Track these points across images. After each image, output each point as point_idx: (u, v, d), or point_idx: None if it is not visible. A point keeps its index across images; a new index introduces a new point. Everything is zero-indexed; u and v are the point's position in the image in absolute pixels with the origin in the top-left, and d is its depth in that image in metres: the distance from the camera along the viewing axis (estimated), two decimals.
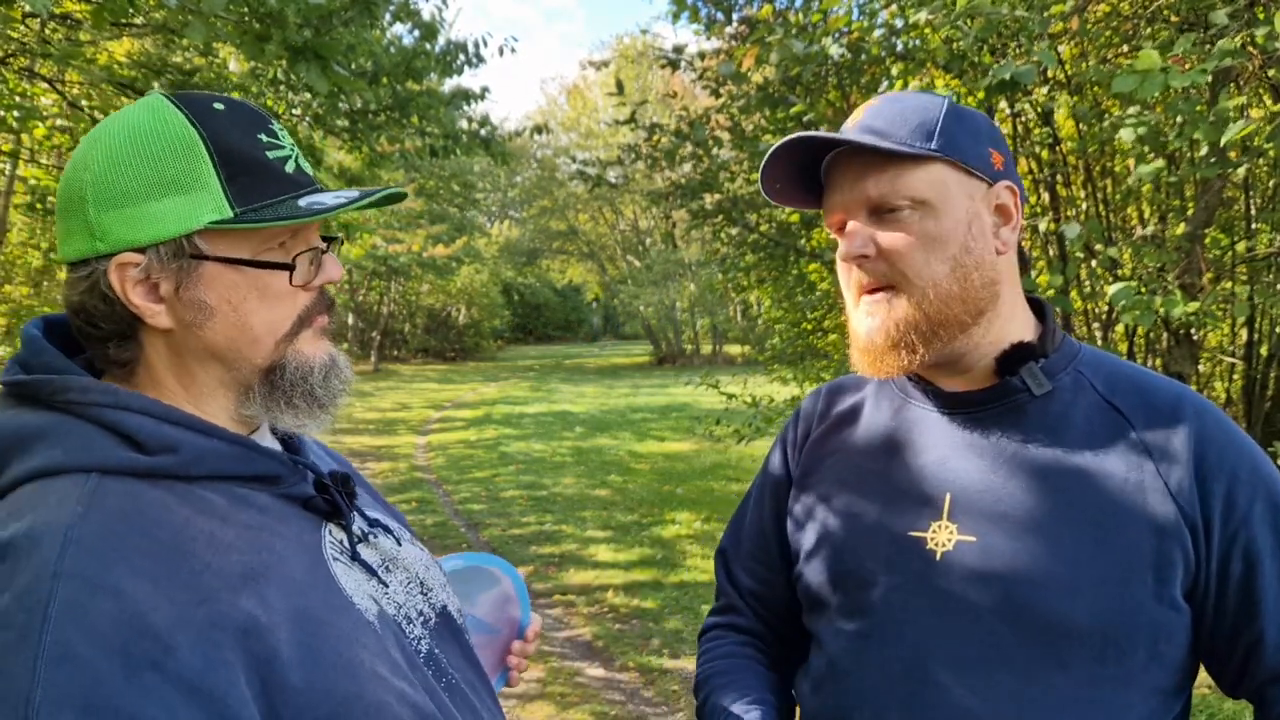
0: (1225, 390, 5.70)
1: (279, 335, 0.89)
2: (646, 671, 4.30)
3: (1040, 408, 1.05)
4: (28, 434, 0.80)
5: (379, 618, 0.89)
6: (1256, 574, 0.96)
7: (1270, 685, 0.98)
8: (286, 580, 0.82)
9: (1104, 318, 4.42)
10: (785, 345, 7.05)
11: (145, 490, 0.79)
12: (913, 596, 1.04)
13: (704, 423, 7.29)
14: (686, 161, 6.09)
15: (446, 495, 8.60)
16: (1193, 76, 2.52)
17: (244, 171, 0.85)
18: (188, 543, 0.78)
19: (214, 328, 0.86)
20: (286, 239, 0.88)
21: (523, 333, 39.82)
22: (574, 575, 5.88)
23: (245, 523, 0.84)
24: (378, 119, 6.24)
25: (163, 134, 0.84)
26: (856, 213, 1.05)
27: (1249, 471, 0.99)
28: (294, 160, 0.89)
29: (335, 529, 0.93)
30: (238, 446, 0.87)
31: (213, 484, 0.85)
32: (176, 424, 0.84)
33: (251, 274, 0.86)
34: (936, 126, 1.04)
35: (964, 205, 1.04)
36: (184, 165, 0.83)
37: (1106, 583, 0.96)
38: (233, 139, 0.85)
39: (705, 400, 8.04)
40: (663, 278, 26.65)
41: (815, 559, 1.15)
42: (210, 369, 0.88)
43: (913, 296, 1.03)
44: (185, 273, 0.84)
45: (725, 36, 5.61)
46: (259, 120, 0.89)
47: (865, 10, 4.21)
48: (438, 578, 1.05)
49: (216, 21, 3.73)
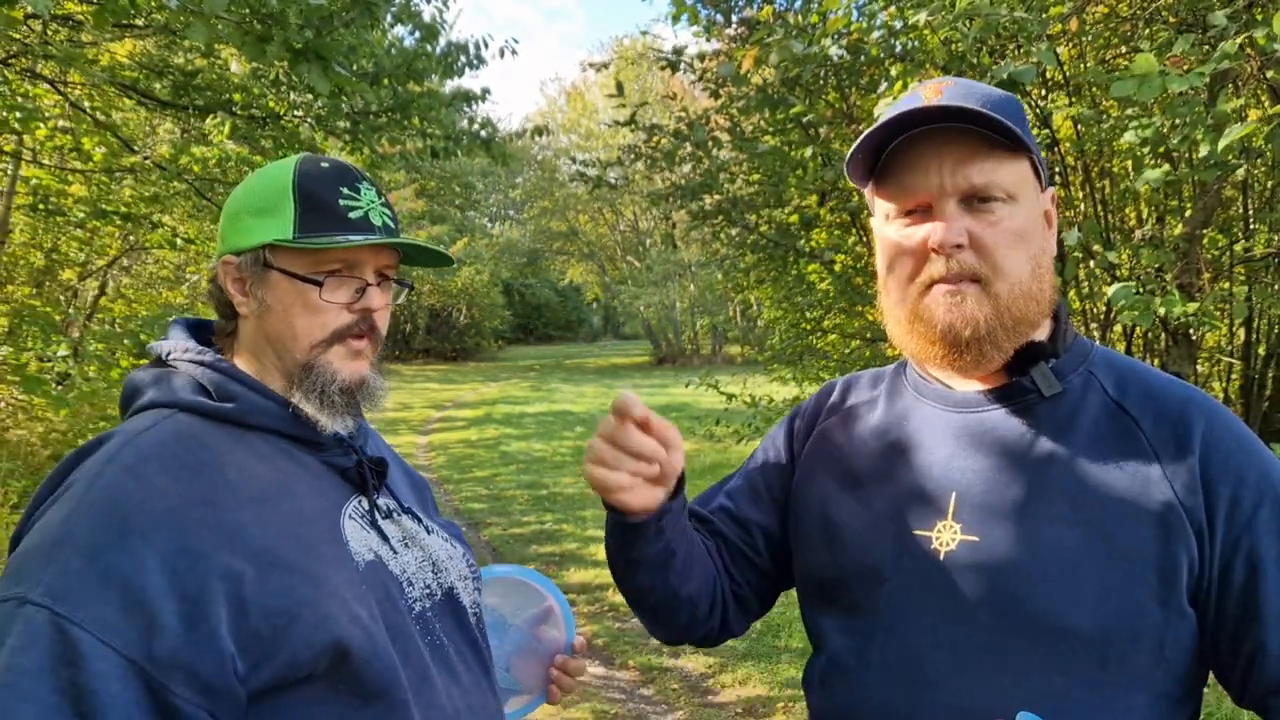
0: (1223, 390, 5.71)
1: (314, 341, 1.10)
2: (646, 670, 4.31)
3: (1049, 409, 1.04)
4: (147, 381, 1.09)
5: (370, 564, 1.06)
6: (1259, 580, 0.95)
7: (1273, 695, 0.96)
8: (293, 513, 1.02)
9: (1102, 318, 4.43)
10: (785, 345, 7.05)
11: (207, 426, 1.04)
12: (916, 595, 1.03)
13: (704, 423, 7.29)
14: (686, 162, 6.10)
15: (447, 495, 8.61)
16: (1190, 80, 2.53)
17: (314, 209, 1.10)
18: (222, 464, 1.00)
19: (270, 321, 1.10)
20: (342, 268, 1.10)
21: (523, 333, 39.79)
22: (574, 574, 5.89)
23: (280, 467, 1.06)
24: (379, 120, 6.24)
25: (276, 176, 1.13)
26: (948, 199, 1.00)
27: (1257, 476, 0.97)
28: (364, 212, 1.12)
29: (364, 500, 1.13)
30: (286, 409, 1.09)
31: (266, 436, 1.07)
32: (241, 383, 1.08)
33: (299, 285, 1.09)
34: (1024, 122, 1.02)
35: (1036, 204, 1.04)
36: (276, 199, 1.11)
37: (1110, 586, 0.95)
38: (316, 187, 1.11)
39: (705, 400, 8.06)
40: (663, 278, 26.64)
41: (821, 552, 1.14)
42: (268, 354, 1.12)
43: (1000, 291, 1.00)
44: (258, 276, 1.10)
45: (725, 38, 5.62)
46: (348, 179, 1.14)
47: (865, 12, 4.22)
48: (458, 569, 1.20)
49: (218, 23, 3.74)
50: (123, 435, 1.01)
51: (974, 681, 0.98)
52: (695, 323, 28.52)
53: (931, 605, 1.02)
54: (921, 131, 1.02)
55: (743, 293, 7.64)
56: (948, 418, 1.09)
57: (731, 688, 4.11)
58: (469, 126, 7.13)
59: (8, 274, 7.86)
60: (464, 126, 7.10)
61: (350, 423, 1.13)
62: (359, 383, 1.13)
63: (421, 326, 30.02)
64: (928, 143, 1.01)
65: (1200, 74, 2.55)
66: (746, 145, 5.59)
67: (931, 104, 0.99)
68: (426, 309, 29.56)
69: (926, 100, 1.01)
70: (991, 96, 1.02)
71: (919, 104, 1.00)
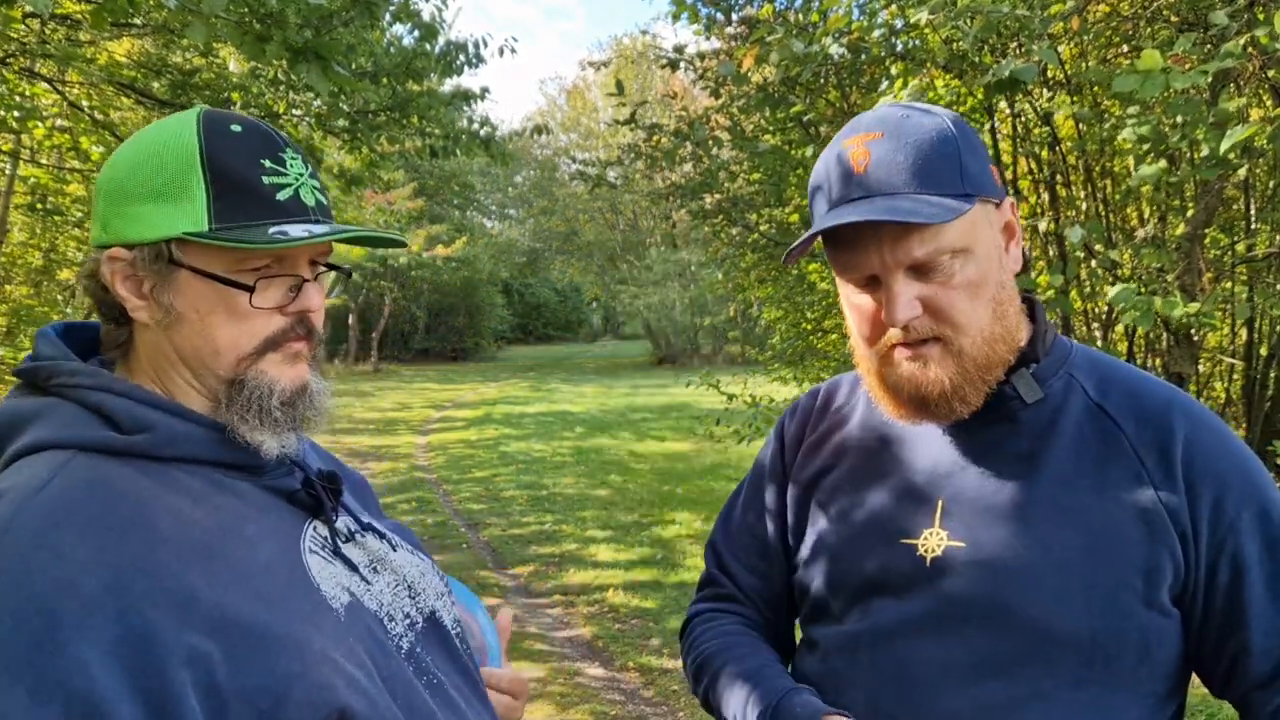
0: (1225, 390, 5.69)
1: (242, 352, 0.91)
2: (646, 671, 4.30)
3: (1032, 415, 1.05)
4: (24, 415, 0.87)
5: (349, 608, 0.90)
6: (1243, 582, 0.96)
7: (1256, 691, 0.98)
8: (247, 562, 0.84)
9: (1104, 318, 4.42)
10: (785, 345, 7.05)
11: (118, 466, 0.84)
12: (904, 602, 1.04)
13: (704, 423, 7.28)
14: (686, 162, 6.09)
15: (446, 495, 8.60)
16: (1193, 77, 2.52)
17: (231, 191, 0.88)
18: (149, 516, 0.81)
19: (180, 333, 0.90)
20: (272, 262, 0.90)
21: (523, 333, 39.78)
22: (574, 575, 5.88)
23: (218, 505, 0.87)
24: (378, 119, 6.24)
25: (173, 145, 0.89)
26: (893, 273, 0.99)
27: (1240, 477, 0.99)
28: (294, 190, 0.91)
29: (320, 525, 0.96)
30: (216, 432, 0.90)
31: (191, 467, 0.88)
32: (155, 407, 0.88)
33: (220, 289, 0.89)
34: (962, 169, 0.99)
35: (990, 237, 1.03)
36: (178, 177, 0.88)
37: (1095, 588, 0.96)
38: (232, 160, 0.89)
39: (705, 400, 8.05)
40: (663, 278, 26.64)
41: (811, 564, 1.15)
42: (180, 370, 0.92)
43: (964, 346, 1.00)
44: (161, 276, 0.89)
45: (725, 37, 5.61)
46: (270, 147, 0.91)
47: (865, 10, 4.21)
48: (434, 586, 1.05)
49: (217, 22, 3.72)
50: (13, 496, 0.78)
51: (963, 685, 0.99)
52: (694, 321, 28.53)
53: (919, 612, 1.03)
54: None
55: (743, 292, 7.64)
56: (933, 426, 1.09)
57: None
58: (468, 126, 7.13)
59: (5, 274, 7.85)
60: (463, 126, 7.09)
61: (295, 440, 0.95)
62: (301, 389, 0.94)
63: (421, 326, 30.02)
64: (864, 224, 0.98)
65: (1203, 72, 2.54)
66: (747, 144, 5.58)
67: (854, 192, 0.99)
68: (426, 309, 29.56)
69: (853, 163, 1.00)
70: (922, 150, 0.98)
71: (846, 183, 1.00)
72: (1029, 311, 1.10)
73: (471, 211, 32.37)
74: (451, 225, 27.61)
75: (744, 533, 1.28)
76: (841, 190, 1.01)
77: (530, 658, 4.48)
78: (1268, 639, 0.97)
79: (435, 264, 24.80)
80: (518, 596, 5.53)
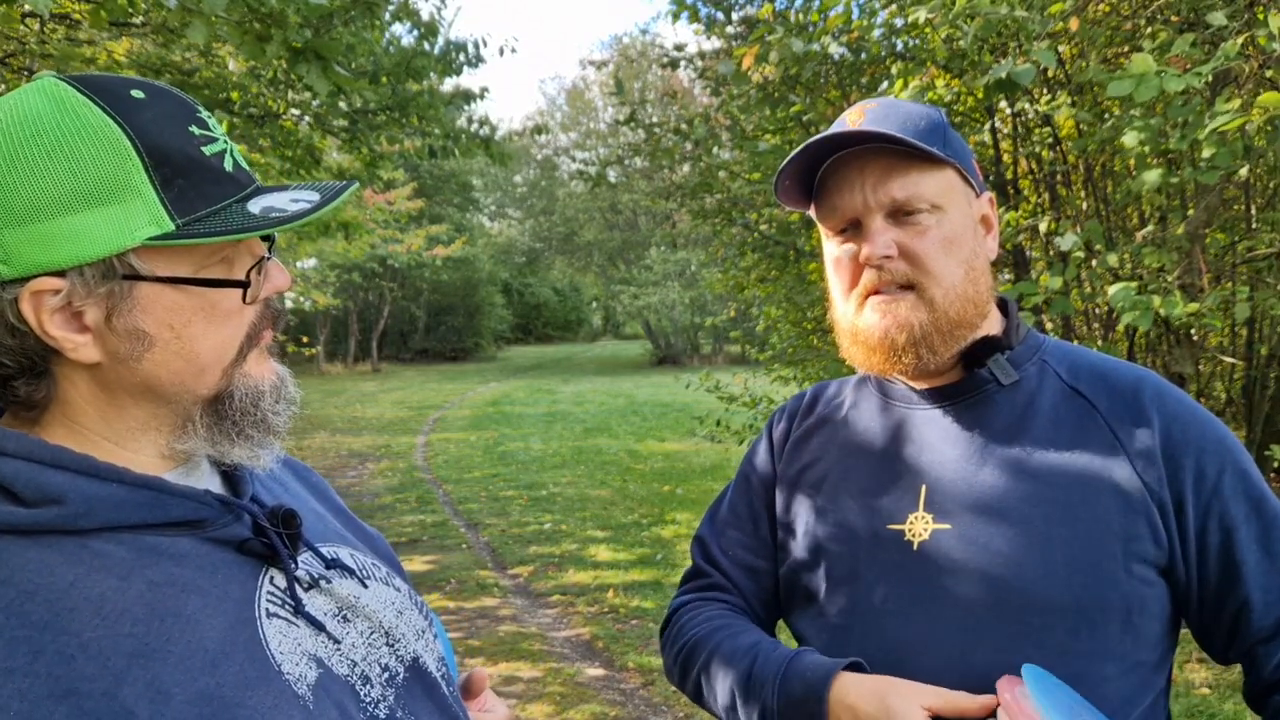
0: (1225, 390, 5.69)
1: (227, 361, 0.77)
2: (646, 671, 4.29)
3: (1008, 397, 1.09)
4: None
5: (317, 686, 0.77)
6: (1234, 542, 1.00)
7: (1259, 645, 1.01)
8: (192, 653, 0.70)
9: (1105, 318, 4.42)
10: (785, 345, 7.05)
11: (23, 551, 0.68)
12: (892, 588, 1.07)
13: (704, 423, 7.29)
14: (686, 161, 6.10)
15: (446, 495, 8.60)
16: (1188, 80, 2.52)
17: (180, 174, 0.72)
18: (66, 616, 0.66)
19: (154, 359, 0.74)
20: (229, 250, 0.77)
21: (523, 333, 39.80)
22: (574, 575, 5.88)
23: (152, 579, 0.71)
24: (378, 119, 6.24)
25: (78, 132, 0.69)
26: (874, 214, 1.06)
27: (1215, 443, 1.03)
28: (230, 154, 0.77)
29: (279, 575, 0.81)
30: (143, 490, 0.74)
31: (116, 534, 0.72)
32: (65, 469, 0.71)
33: (197, 293, 0.74)
34: (945, 133, 1.08)
35: (967, 211, 1.09)
36: (109, 170, 0.69)
37: (1077, 558, 0.99)
38: (164, 134, 0.72)
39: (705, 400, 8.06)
40: (663, 278, 26.66)
41: (799, 555, 1.17)
42: (143, 405, 0.76)
43: (934, 297, 1.05)
44: (118, 298, 0.71)
45: (726, 37, 5.61)
46: (187, 109, 0.75)
47: (865, 10, 4.21)
48: (412, 624, 0.91)
49: (218, 21, 3.72)
50: None
51: (952, 663, 1.01)
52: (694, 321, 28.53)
53: (907, 596, 1.06)
54: (845, 154, 1.08)
55: (743, 291, 7.64)
56: (913, 414, 1.14)
57: None
58: (468, 126, 7.14)
59: None
60: (462, 126, 7.10)
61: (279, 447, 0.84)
62: (280, 382, 0.83)
63: (420, 326, 30.03)
64: (851, 164, 1.07)
65: (1198, 74, 2.54)
66: (748, 144, 5.59)
67: (848, 129, 1.06)
68: (426, 309, 29.57)
69: (849, 125, 1.07)
70: (911, 114, 1.08)
71: (843, 129, 1.07)
72: (1002, 308, 1.16)
73: (471, 211, 32.38)
74: (451, 225, 27.61)
75: (731, 526, 1.28)
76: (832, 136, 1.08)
77: (530, 658, 4.48)
78: (1266, 594, 1.00)
79: (435, 264, 24.81)
80: (518, 596, 5.52)
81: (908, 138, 1.03)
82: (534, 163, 33.40)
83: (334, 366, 25.43)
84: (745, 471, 1.31)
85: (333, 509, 1.02)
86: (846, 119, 1.09)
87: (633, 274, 28.45)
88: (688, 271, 26.31)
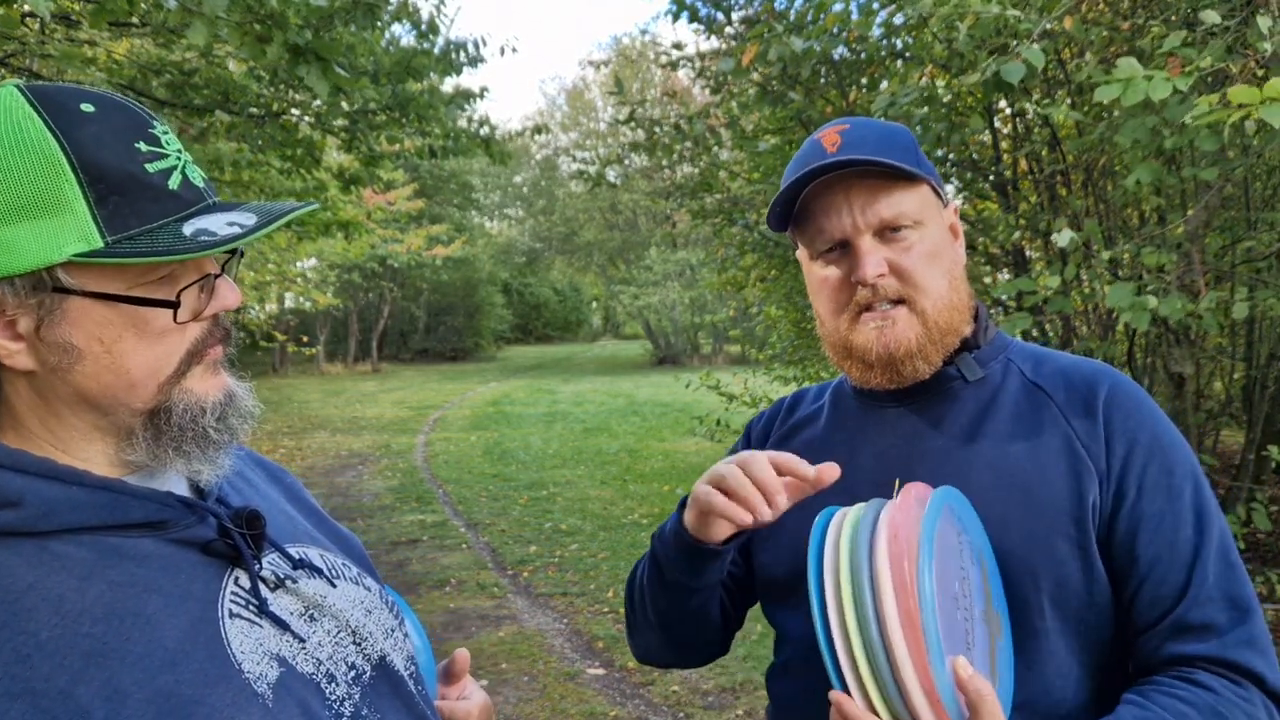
0: (1225, 390, 5.70)
1: (162, 377, 0.77)
2: (646, 671, 4.29)
3: (973, 393, 1.15)
4: None
5: (278, 684, 0.77)
6: (1138, 532, 1.04)
7: (1139, 636, 1.04)
8: (151, 652, 0.71)
9: (1104, 318, 4.42)
10: (785, 345, 7.05)
11: None
12: None
13: (704, 422, 7.29)
14: (685, 161, 6.10)
15: (446, 495, 8.60)
16: (1177, 83, 2.53)
17: (116, 191, 0.72)
18: (23, 616, 0.67)
19: (84, 371, 0.75)
20: (174, 267, 0.76)
21: (523, 333, 39.79)
22: (574, 575, 5.88)
23: (113, 580, 0.72)
24: (378, 119, 6.24)
25: (16, 145, 0.70)
26: (863, 235, 1.10)
27: (1150, 438, 1.07)
28: (180, 171, 0.77)
29: (244, 576, 0.82)
30: (103, 492, 0.75)
31: (76, 536, 0.73)
32: (23, 471, 0.72)
33: (127, 310, 0.74)
34: (918, 158, 1.13)
35: (940, 223, 1.15)
36: (41, 184, 0.70)
37: (1036, 537, 1.04)
38: (103, 150, 0.72)
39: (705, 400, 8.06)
40: (663, 278, 26.65)
41: (773, 552, 1.21)
42: (81, 414, 0.77)
43: (926, 308, 1.11)
44: (47, 309, 0.73)
45: (726, 37, 5.62)
46: (138, 124, 0.75)
47: (864, 9, 4.21)
48: (381, 622, 0.92)
49: (219, 22, 3.72)
50: None
51: None
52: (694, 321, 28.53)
53: None
54: (828, 179, 1.11)
55: (742, 290, 7.65)
56: (886, 412, 1.19)
57: (732, 690, 4.10)
58: (468, 126, 7.14)
59: None
60: (463, 126, 7.10)
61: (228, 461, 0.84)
62: (228, 399, 0.82)
63: (420, 326, 30.03)
64: (835, 188, 1.11)
65: (1187, 77, 2.56)
66: (748, 144, 5.59)
67: (830, 157, 1.09)
68: (425, 309, 29.58)
69: (827, 148, 1.11)
70: (884, 135, 1.13)
71: (820, 157, 1.10)
72: (973, 311, 1.20)
73: (471, 211, 32.38)
74: (451, 225, 27.61)
75: None
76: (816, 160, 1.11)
77: (530, 658, 4.48)
78: (1157, 588, 1.02)
79: (435, 264, 24.80)
80: (518, 597, 5.53)
81: (893, 161, 1.07)
82: (534, 162, 33.41)
83: (334, 366, 25.43)
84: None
85: (304, 509, 1.02)
86: (822, 142, 1.13)
87: (633, 274, 28.44)
88: (688, 271, 26.30)
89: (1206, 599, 1.01)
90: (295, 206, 0.81)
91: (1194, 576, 1.02)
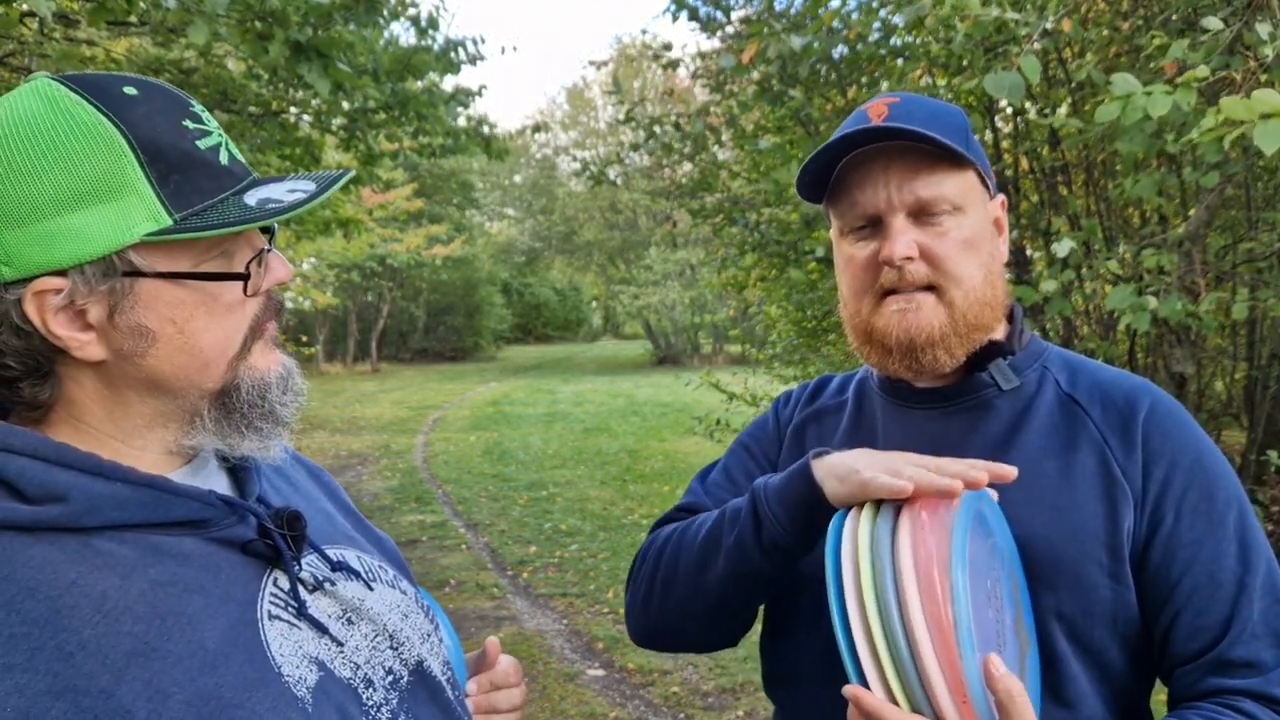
0: (1226, 390, 5.69)
1: (231, 354, 0.78)
2: (646, 672, 4.29)
3: (1008, 402, 1.09)
4: None
5: (317, 688, 0.76)
6: (1173, 559, 0.99)
7: (1176, 668, 0.99)
8: (192, 653, 0.70)
9: (1105, 318, 4.42)
10: (785, 345, 7.05)
11: (25, 548, 0.68)
12: None
13: (704, 422, 7.28)
14: (685, 160, 6.10)
15: (446, 495, 8.59)
16: (1178, 97, 2.51)
17: (176, 169, 0.73)
18: (66, 614, 0.66)
19: (157, 354, 0.75)
20: (229, 243, 0.77)
21: (523, 333, 39.78)
22: (574, 575, 5.88)
23: (154, 579, 0.72)
24: (377, 117, 6.24)
25: (72, 131, 0.70)
26: (896, 213, 1.03)
27: (1190, 460, 1.02)
28: (225, 148, 0.77)
29: (283, 577, 0.81)
30: (148, 490, 0.74)
31: (119, 533, 0.73)
32: (69, 467, 0.72)
33: (197, 287, 0.75)
34: (968, 141, 1.06)
35: (984, 214, 1.09)
36: (105, 167, 0.70)
37: (1061, 560, 0.99)
38: (157, 130, 0.72)
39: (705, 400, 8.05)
40: (663, 278, 26.65)
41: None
42: (149, 401, 0.77)
43: (956, 298, 1.04)
44: (120, 295, 0.72)
45: (725, 36, 5.62)
46: (180, 103, 0.76)
47: (864, 9, 4.21)
48: (418, 626, 0.92)
49: (219, 21, 3.72)
50: None
51: None
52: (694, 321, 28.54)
53: None
54: (868, 150, 1.05)
55: (742, 290, 7.63)
56: (913, 414, 1.13)
57: (732, 691, 4.10)
58: (467, 124, 7.14)
59: None
60: (462, 125, 7.10)
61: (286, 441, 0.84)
62: (287, 373, 0.83)
63: (420, 326, 30.02)
64: (875, 161, 1.05)
65: (1188, 90, 2.54)
66: (748, 142, 5.59)
67: (875, 125, 1.03)
68: (425, 308, 29.57)
69: (872, 119, 1.05)
70: (935, 112, 1.06)
71: (865, 124, 1.04)
72: (1008, 314, 1.15)
73: (470, 211, 32.37)
74: (451, 224, 27.60)
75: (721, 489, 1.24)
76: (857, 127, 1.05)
77: (530, 659, 4.47)
78: (1197, 618, 0.97)
79: (434, 263, 24.79)
80: (518, 597, 5.52)
81: (939, 136, 1.01)
82: (533, 162, 33.40)
83: (333, 366, 25.41)
84: (745, 443, 1.28)
85: (343, 510, 1.02)
86: (868, 112, 1.06)
87: (633, 274, 28.43)
88: (688, 271, 26.29)
89: (1251, 636, 0.96)
90: (345, 172, 0.83)
91: (1238, 611, 0.96)
